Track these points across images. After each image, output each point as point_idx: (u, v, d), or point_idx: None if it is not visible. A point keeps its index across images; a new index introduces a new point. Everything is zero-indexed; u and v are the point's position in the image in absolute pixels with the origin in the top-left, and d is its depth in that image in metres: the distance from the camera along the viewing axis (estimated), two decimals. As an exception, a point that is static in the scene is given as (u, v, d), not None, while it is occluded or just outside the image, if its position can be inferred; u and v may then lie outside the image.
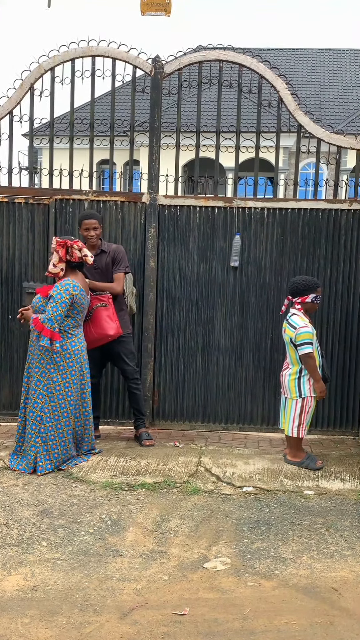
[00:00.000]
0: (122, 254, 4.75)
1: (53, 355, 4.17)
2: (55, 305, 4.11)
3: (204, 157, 5.37)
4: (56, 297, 4.12)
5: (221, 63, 5.22)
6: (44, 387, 4.20)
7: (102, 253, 4.69)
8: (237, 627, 2.60)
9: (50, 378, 4.19)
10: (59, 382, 4.19)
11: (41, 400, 4.21)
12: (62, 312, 4.12)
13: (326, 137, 5.20)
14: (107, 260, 4.69)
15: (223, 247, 5.22)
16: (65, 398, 4.22)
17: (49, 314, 4.11)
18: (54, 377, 4.19)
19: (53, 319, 4.10)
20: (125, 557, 3.19)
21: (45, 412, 4.20)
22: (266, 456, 4.59)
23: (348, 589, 2.92)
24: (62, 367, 4.19)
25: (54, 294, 4.14)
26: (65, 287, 4.15)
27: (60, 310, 4.12)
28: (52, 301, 4.12)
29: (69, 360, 4.21)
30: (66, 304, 4.13)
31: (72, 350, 4.22)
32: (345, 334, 5.24)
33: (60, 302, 4.11)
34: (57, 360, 4.18)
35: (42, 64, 5.18)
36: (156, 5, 5.06)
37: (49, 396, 4.20)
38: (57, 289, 4.16)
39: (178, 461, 4.41)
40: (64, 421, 4.23)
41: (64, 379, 4.20)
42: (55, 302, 4.11)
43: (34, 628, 2.57)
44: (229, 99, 5.85)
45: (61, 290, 4.14)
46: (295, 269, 5.20)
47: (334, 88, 22.42)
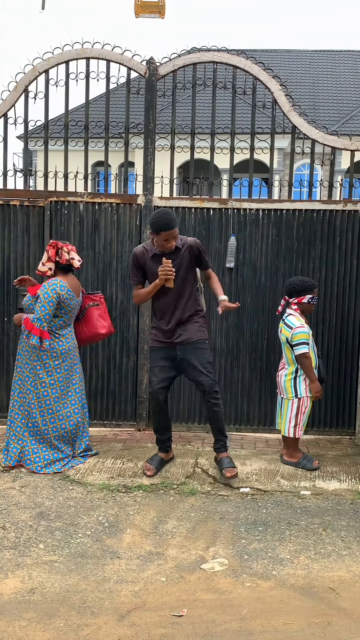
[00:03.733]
0: (201, 245, 4.12)
1: (41, 354, 4.22)
2: (42, 304, 4.16)
3: (198, 158, 5.38)
4: (43, 297, 4.17)
5: (215, 65, 5.23)
6: (32, 384, 4.27)
7: (176, 251, 4.04)
8: (235, 627, 2.60)
9: (37, 375, 4.25)
10: (45, 380, 4.25)
11: (28, 396, 4.28)
12: (49, 311, 4.17)
13: (320, 138, 5.22)
14: (183, 257, 4.05)
15: (218, 249, 5.23)
16: (51, 396, 4.26)
17: (37, 313, 4.16)
18: (41, 374, 4.24)
19: (42, 318, 4.15)
20: (123, 559, 3.19)
21: (32, 407, 4.27)
22: (263, 457, 4.60)
23: (345, 588, 2.92)
24: (48, 365, 4.24)
25: (41, 293, 4.18)
26: (52, 287, 4.19)
27: (48, 309, 4.16)
28: (40, 301, 4.17)
29: (56, 359, 4.25)
30: (53, 302, 4.17)
31: (60, 349, 4.26)
32: (341, 334, 5.25)
33: (47, 301, 4.16)
34: (44, 358, 4.24)
35: (36, 66, 5.18)
36: (150, 7, 5.07)
37: (35, 393, 4.26)
38: (44, 288, 4.20)
39: (175, 462, 4.41)
40: (49, 418, 4.27)
41: (50, 376, 4.25)
42: (43, 301, 4.16)
43: (32, 631, 2.57)
44: (223, 101, 5.86)
45: (48, 289, 4.19)
46: (290, 270, 5.21)
47: (328, 89, 22.49)
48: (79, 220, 5.25)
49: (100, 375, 5.31)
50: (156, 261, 4.03)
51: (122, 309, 5.27)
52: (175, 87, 5.25)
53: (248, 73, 5.19)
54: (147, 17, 5.08)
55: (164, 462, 4.32)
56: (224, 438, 4.21)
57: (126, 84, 5.27)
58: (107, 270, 5.27)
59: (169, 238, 3.95)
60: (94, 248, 5.26)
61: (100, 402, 5.32)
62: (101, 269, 5.27)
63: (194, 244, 4.08)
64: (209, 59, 5.20)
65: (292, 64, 23.58)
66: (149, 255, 4.10)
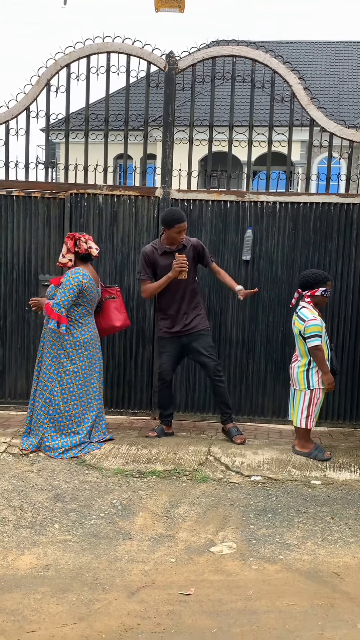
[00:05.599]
0: (204, 246, 4.72)
1: (64, 344, 4.36)
2: (64, 291, 4.32)
3: (219, 151, 5.43)
4: (65, 284, 4.34)
5: (234, 58, 5.27)
6: (54, 372, 4.40)
7: (182, 248, 4.60)
8: (240, 607, 2.70)
9: (61, 363, 4.38)
10: (69, 368, 4.39)
11: (51, 383, 4.41)
12: (69, 298, 4.31)
13: (338, 132, 5.23)
14: (188, 256, 4.56)
15: (235, 241, 5.29)
16: (74, 384, 4.41)
17: (57, 298, 4.31)
18: (64, 362, 4.38)
19: (61, 304, 4.31)
20: (135, 540, 3.30)
21: (54, 395, 4.40)
22: (275, 447, 4.67)
23: (350, 574, 2.99)
24: (72, 354, 4.39)
25: (64, 280, 4.36)
26: (75, 275, 4.35)
27: (68, 295, 4.31)
28: (62, 287, 4.34)
29: (79, 348, 4.40)
30: (74, 290, 4.32)
31: (82, 339, 4.41)
32: (357, 327, 5.27)
33: (68, 288, 4.32)
34: (68, 347, 4.38)
35: (58, 60, 5.28)
36: (170, 2, 5.12)
37: (58, 380, 4.40)
38: (67, 276, 4.38)
39: (188, 450, 4.51)
40: (72, 405, 4.41)
41: (73, 365, 4.40)
42: (64, 288, 4.33)
43: (46, 604, 2.69)
44: (242, 94, 5.89)
45: (71, 277, 4.35)
46: (306, 263, 5.24)
47: (353, 81, 22.21)
48: (98, 212, 5.35)
49: (117, 364, 5.42)
50: (167, 257, 4.56)
51: (139, 300, 5.36)
52: (194, 80, 5.30)
53: (267, 66, 5.21)
54: (167, 11, 5.13)
55: (164, 433, 4.84)
56: (229, 410, 4.81)
57: (146, 78, 5.34)
58: (125, 262, 5.37)
59: (181, 231, 4.51)
60: (112, 240, 5.36)
61: (116, 391, 5.44)
62: (119, 261, 5.37)
63: (197, 244, 4.67)
64: (228, 53, 5.24)
65: (316, 55, 23.32)
66: (159, 253, 4.62)
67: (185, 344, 4.68)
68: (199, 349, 4.65)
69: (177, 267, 4.44)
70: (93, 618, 2.60)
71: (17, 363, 5.47)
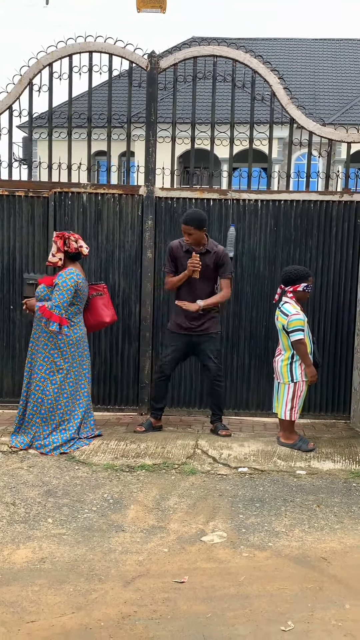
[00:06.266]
0: (227, 257, 4.74)
1: (58, 342, 4.40)
2: (61, 292, 4.35)
3: (198, 148, 5.52)
4: (62, 285, 4.36)
5: (215, 58, 5.35)
6: (47, 371, 4.44)
7: (206, 253, 4.67)
8: (232, 592, 2.79)
9: (54, 362, 4.42)
10: (62, 367, 4.44)
11: (43, 383, 4.45)
12: (68, 299, 4.37)
13: (317, 130, 5.35)
14: (209, 261, 4.66)
15: (218, 238, 5.37)
16: (65, 381, 4.45)
17: (55, 301, 4.34)
18: (58, 361, 4.42)
19: (60, 306, 4.34)
20: (127, 532, 3.38)
21: (46, 394, 4.43)
22: (260, 439, 4.78)
23: (336, 558, 3.11)
24: (65, 352, 4.44)
25: (59, 281, 4.36)
26: (70, 276, 4.38)
27: (67, 297, 4.36)
28: (58, 289, 4.35)
29: (72, 346, 4.45)
30: (71, 291, 4.37)
31: (75, 337, 4.46)
32: (337, 321, 5.42)
33: (66, 289, 4.36)
34: (61, 346, 4.42)
35: (40, 60, 5.30)
36: (151, 2, 5.18)
37: (51, 379, 4.43)
38: (61, 277, 4.38)
39: (176, 444, 4.60)
40: (64, 402, 4.46)
41: (67, 363, 4.44)
42: (61, 289, 4.35)
43: (44, 595, 2.76)
44: (223, 92, 5.98)
45: (66, 278, 4.39)
46: (288, 259, 5.36)
47: (328, 78, 22.50)
48: (82, 210, 5.39)
49: (104, 361, 5.48)
50: (187, 255, 4.68)
51: (124, 297, 5.43)
52: (176, 80, 5.37)
53: (247, 66, 5.31)
54: (148, 11, 5.19)
55: (153, 427, 4.92)
56: (220, 413, 4.97)
57: (128, 77, 5.39)
58: (110, 259, 5.42)
59: (185, 232, 4.61)
60: (96, 238, 5.41)
61: (103, 388, 5.50)
62: (104, 258, 5.42)
63: (221, 253, 4.73)
64: (209, 53, 5.32)
65: (292, 52, 23.56)
66: (183, 250, 4.73)
67: (194, 343, 4.77)
68: (206, 351, 4.76)
69: (190, 265, 4.57)
70: (91, 607, 2.67)
71: (3, 361, 5.49)
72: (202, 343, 4.75)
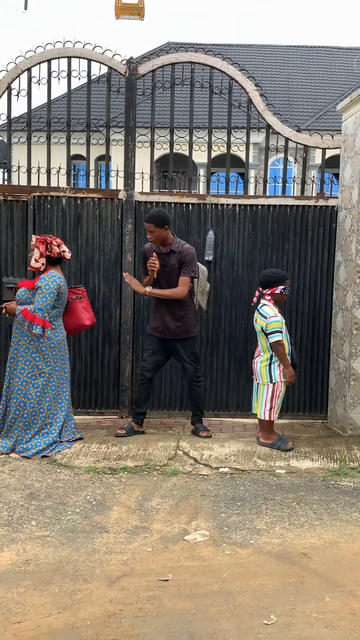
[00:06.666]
0: (189, 256, 4.68)
1: (39, 345, 4.41)
2: (44, 295, 4.37)
3: (176, 153, 5.59)
4: (45, 288, 4.38)
5: (193, 65, 5.44)
6: (29, 375, 4.45)
7: (171, 253, 4.68)
8: (216, 589, 2.85)
9: (36, 366, 4.43)
10: (44, 370, 4.45)
11: (25, 387, 4.45)
12: (51, 302, 4.39)
13: (293, 137, 5.47)
14: (174, 260, 4.68)
15: (197, 242, 5.45)
16: (48, 385, 4.46)
17: (39, 304, 4.35)
18: (39, 365, 4.43)
19: (44, 309, 4.36)
20: (111, 532, 3.41)
21: (28, 398, 4.44)
22: (240, 439, 4.85)
23: (317, 553, 3.19)
24: (47, 356, 4.46)
25: (42, 284, 4.38)
26: (52, 279, 4.41)
27: (49, 300, 4.38)
28: (41, 292, 4.36)
29: (53, 349, 4.46)
30: (54, 294, 4.39)
31: (56, 340, 4.48)
32: (314, 323, 5.53)
33: (49, 292, 4.38)
34: (43, 349, 4.44)
35: (18, 65, 5.31)
36: (130, 9, 5.24)
37: (33, 383, 4.44)
38: (44, 280, 4.40)
39: (157, 446, 4.64)
40: (46, 406, 4.47)
41: (48, 366, 4.46)
42: (44, 292, 4.37)
43: (29, 596, 2.77)
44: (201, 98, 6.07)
45: (49, 281, 4.41)
46: (265, 263, 5.46)
47: (302, 85, 22.84)
48: (61, 214, 5.41)
49: (84, 364, 5.50)
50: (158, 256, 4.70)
51: (104, 300, 5.46)
52: (154, 86, 5.44)
53: (225, 73, 5.41)
54: (127, 18, 5.25)
55: (134, 431, 4.91)
56: (200, 413, 5.03)
57: (107, 83, 5.44)
58: (90, 263, 5.45)
59: (147, 230, 4.66)
60: (76, 241, 5.43)
61: (83, 391, 5.51)
62: (84, 262, 5.45)
63: (185, 252, 4.71)
64: (187, 59, 5.41)
65: (266, 59, 23.86)
66: (153, 251, 4.75)
67: (171, 346, 4.83)
68: (182, 354, 4.82)
69: (148, 265, 4.66)
70: (77, 607, 2.70)
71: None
72: (178, 345, 4.80)
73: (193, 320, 4.85)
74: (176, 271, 4.70)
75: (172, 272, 4.70)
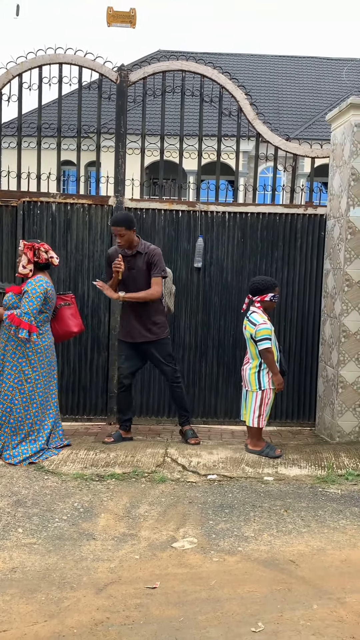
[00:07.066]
0: (157, 256, 4.67)
1: (26, 351, 4.38)
2: (31, 299, 4.35)
3: (165, 160, 5.61)
4: (31, 293, 4.37)
5: (184, 73, 5.47)
6: (15, 380, 4.42)
7: (137, 254, 4.66)
8: (204, 596, 2.84)
9: (22, 372, 4.40)
10: (30, 375, 4.42)
11: (11, 392, 4.42)
12: (37, 306, 4.37)
13: (283, 145, 5.52)
14: (141, 262, 4.66)
15: (187, 249, 5.46)
16: (35, 391, 4.44)
17: (25, 308, 4.33)
18: (26, 370, 4.40)
19: (30, 313, 4.34)
20: (98, 540, 3.39)
21: (15, 403, 4.41)
22: (229, 446, 4.85)
23: (304, 560, 3.20)
24: (34, 361, 4.43)
25: (28, 289, 4.36)
26: (39, 284, 4.39)
27: (36, 304, 4.36)
28: (27, 296, 4.34)
29: (40, 355, 4.44)
30: (41, 298, 4.38)
31: (43, 345, 4.46)
32: (302, 330, 5.56)
33: (35, 296, 4.36)
34: (29, 354, 4.41)
35: (9, 70, 5.31)
36: (121, 17, 5.27)
37: (19, 388, 4.41)
38: (31, 284, 4.38)
39: (145, 453, 4.63)
40: (33, 412, 4.44)
41: (35, 372, 4.44)
42: (31, 297, 4.35)
43: (15, 604, 2.74)
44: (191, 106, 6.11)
45: (36, 285, 4.40)
46: (255, 270, 5.49)
47: (290, 94, 23.04)
48: (51, 220, 5.41)
49: (72, 371, 5.48)
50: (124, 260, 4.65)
51: (93, 306, 5.45)
52: (145, 93, 5.46)
53: (215, 82, 5.44)
54: (118, 26, 5.28)
55: (122, 438, 4.89)
56: (186, 413, 4.96)
57: (98, 90, 5.45)
58: (79, 268, 5.44)
59: (117, 234, 4.62)
60: (66, 247, 5.42)
61: (71, 397, 5.49)
62: (73, 268, 5.44)
63: (152, 253, 4.68)
64: (178, 68, 5.44)
65: (257, 68, 24.03)
66: (118, 254, 4.69)
67: (144, 350, 4.80)
68: (157, 357, 4.79)
69: (113, 267, 4.63)
70: (63, 615, 2.67)
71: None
72: (152, 349, 4.77)
73: (164, 322, 4.83)
74: (143, 273, 4.66)
75: (138, 274, 4.65)
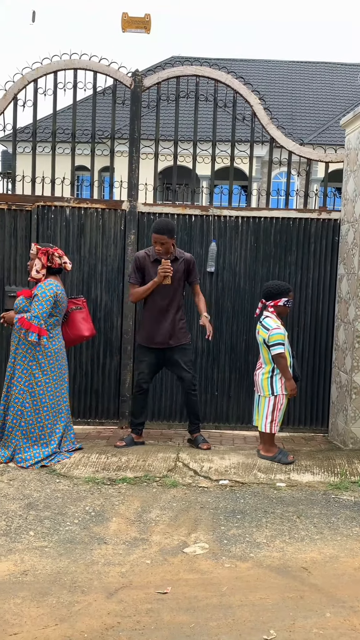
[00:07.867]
0: (194, 263, 4.83)
1: (37, 354, 4.41)
2: (40, 303, 4.38)
3: (179, 165, 5.62)
4: (41, 296, 4.39)
5: (198, 78, 5.48)
6: (26, 383, 4.44)
7: (175, 260, 4.72)
8: (215, 602, 2.82)
9: (33, 375, 4.42)
10: (41, 379, 4.43)
11: (22, 395, 4.44)
12: (47, 310, 4.39)
13: (297, 150, 5.50)
14: (180, 268, 4.72)
15: (200, 253, 5.46)
16: (45, 394, 4.45)
17: (35, 311, 4.35)
18: (36, 373, 4.42)
19: (39, 316, 4.36)
20: (110, 544, 3.38)
21: (26, 407, 4.43)
22: (240, 452, 4.83)
23: (317, 568, 3.16)
24: (44, 364, 4.44)
25: (38, 292, 4.39)
26: (49, 287, 4.42)
27: (46, 307, 4.38)
28: (37, 300, 4.37)
29: (50, 358, 4.45)
30: (50, 302, 4.40)
31: (54, 349, 4.47)
32: (315, 336, 5.53)
33: (45, 299, 4.39)
34: (40, 358, 4.43)
35: (25, 76, 5.36)
36: (136, 23, 5.30)
37: (30, 392, 4.43)
38: (41, 288, 4.42)
39: (157, 457, 4.61)
40: (44, 416, 4.45)
41: (45, 375, 4.45)
42: (41, 300, 4.38)
43: (26, 607, 2.74)
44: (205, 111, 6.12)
45: (46, 289, 4.42)
46: (268, 275, 5.47)
47: (305, 99, 23.01)
48: (65, 224, 5.43)
49: (84, 374, 5.49)
50: (155, 265, 4.67)
51: (106, 310, 5.46)
52: (159, 98, 5.48)
53: (229, 87, 5.45)
54: (133, 32, 5.30)
55: (134, 442, 4.87)
56: (198, 421, 4.97)
57: (112, 95, 5.48)
58: (92, 273, 5.46)
59: (157, 241, 4.62)
60: (79, 251, 5.45)
61: (84, 401, 5.50)
62: (86, 272, 5.46)
63: (190, 259, 4.81)
64: (192, 73, 5.45)
65: (271, 74, 24.07)
66: (150, 260, 4.72)
67: (167, 356, 4.79)
68: (179, 362, 4.78)
69: (161, 271, 4.54)
70: (74, 619, 2.67)
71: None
72: (175, 355, 4.77)
73: (186, 328, 4.91)
74: (179, 279, 4.73)
75: (175, 279, 4.69)
